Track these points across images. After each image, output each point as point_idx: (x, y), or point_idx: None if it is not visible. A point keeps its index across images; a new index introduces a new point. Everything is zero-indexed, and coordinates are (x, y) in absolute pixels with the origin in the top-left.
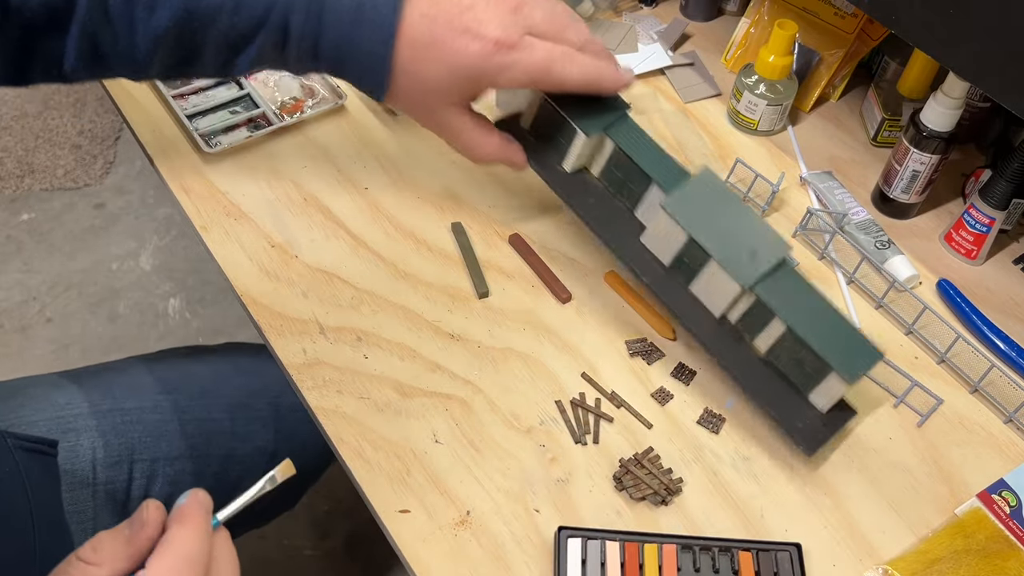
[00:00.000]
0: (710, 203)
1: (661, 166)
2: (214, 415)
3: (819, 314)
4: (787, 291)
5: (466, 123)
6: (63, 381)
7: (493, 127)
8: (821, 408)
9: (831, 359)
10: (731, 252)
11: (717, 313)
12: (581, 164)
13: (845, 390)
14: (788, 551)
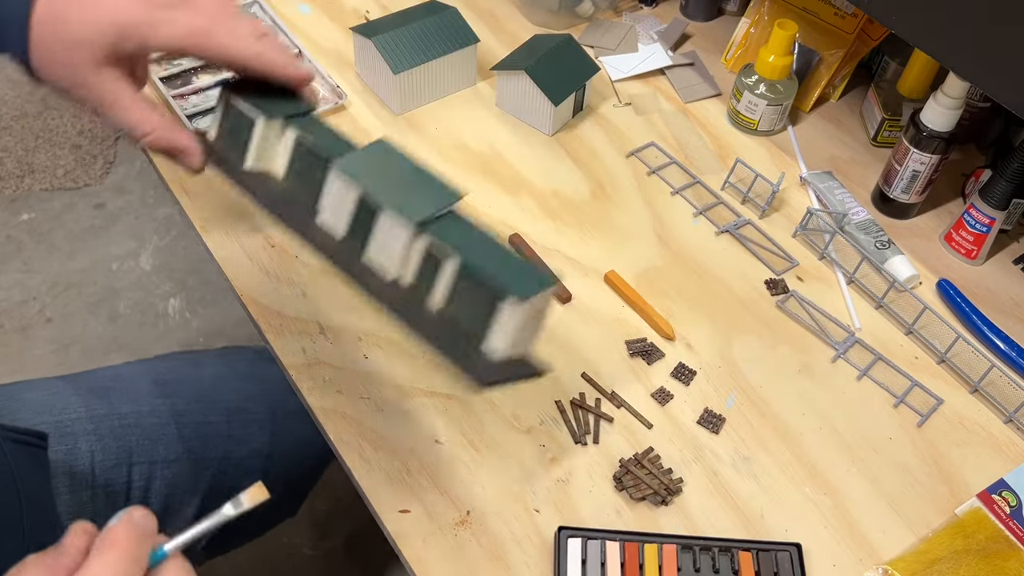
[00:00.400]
0: (383, 163)
1: (341, 147)
2: (211, 418)
3: (490, 248)
4: (458, 231)
5: (123, 91)
6: (60, 385)
7: (156, 106)
8: (499, 352)
9: (506, 281)
10: (402, 200)
11: (392, 274)
12: (265, 164)
13: (515, 323)
14: (788, 551)
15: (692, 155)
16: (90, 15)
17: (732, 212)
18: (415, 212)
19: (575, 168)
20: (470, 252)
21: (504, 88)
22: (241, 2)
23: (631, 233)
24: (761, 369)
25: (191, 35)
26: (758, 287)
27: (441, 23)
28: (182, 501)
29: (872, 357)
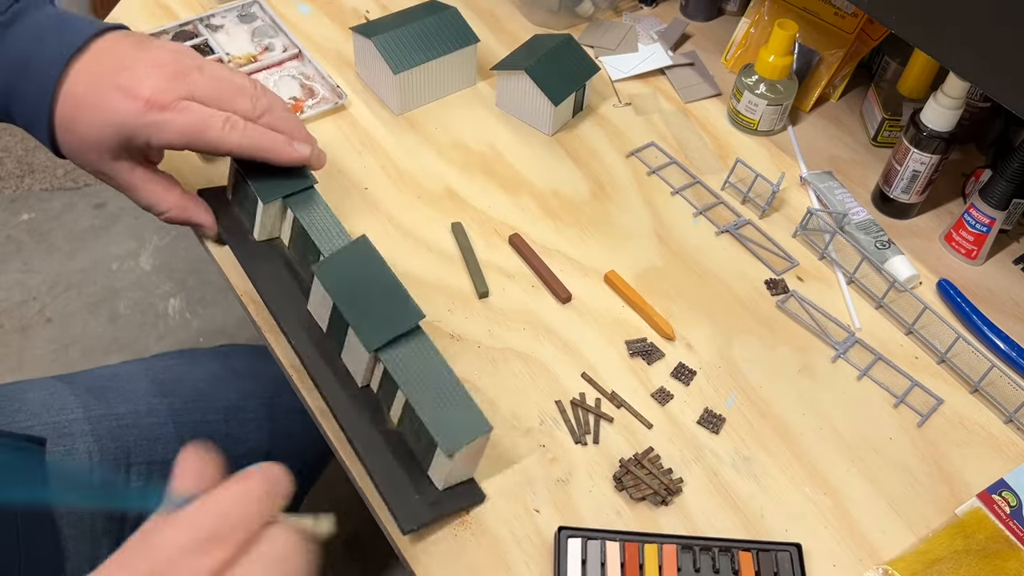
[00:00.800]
0: (358, 269)
1: (330, 236)
2: (209, 418)
3: (440, 385)
4: (413, 360)
5: (138, 178)
6: (58, 385)
7: (174, 184)
8: (437, 484)
9: (437, 431)
10: (366, 318)
11: (360, 381)
12: (271, 233)
13: (449, 466)
14: (788, 551)
15: (692, 155)
16: (95, 121)
17: (732, 212)
18: (373, 340)
19: (575, 168)
20: (417, 388)
21: (504, 88)
22: (241, 2)
23: (631, 233)
24: (761, 369)
25: (185, 135)
26: (758, 287)
27: (441, 23)
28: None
29: (872, 357)
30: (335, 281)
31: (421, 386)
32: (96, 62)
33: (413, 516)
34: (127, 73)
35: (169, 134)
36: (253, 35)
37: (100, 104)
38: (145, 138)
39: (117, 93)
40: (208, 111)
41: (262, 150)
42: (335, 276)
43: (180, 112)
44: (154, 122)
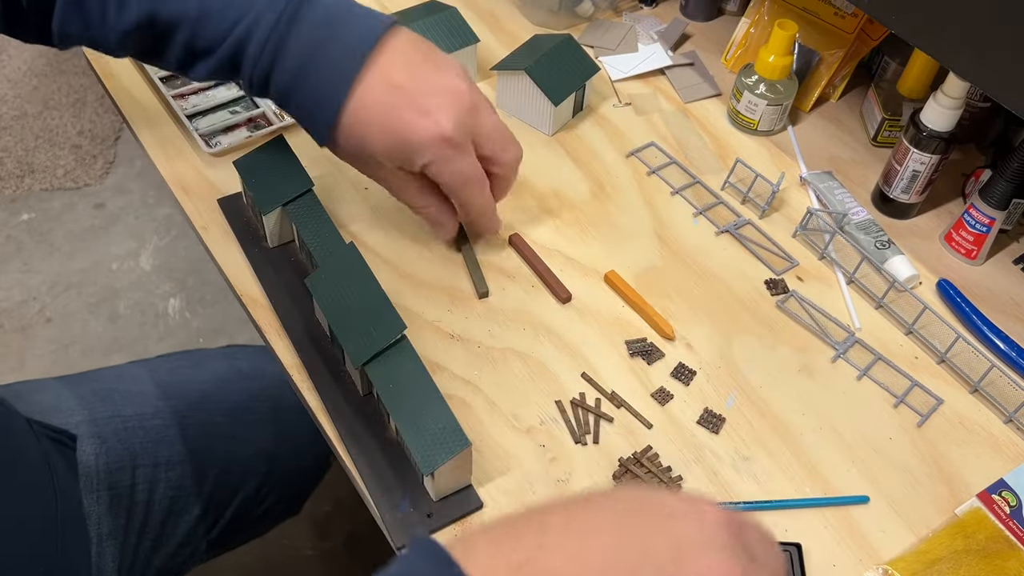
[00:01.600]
0: (346, 280)
1: (325, 244)
2: (214, 419)
3: (421, 401)
4: (396, 375)
5: (412, 189)
6: (63, 387)
7: (435, 190)
8: (432, 496)
9: (416, 447)
10: (352, 333)
11: (361, 391)
12: (282, 238)
13: (434, 482)
14: (788, 551)
15: (692, 155)
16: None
17: (732, 212)
18: (359, 356)
19: (575, 168)
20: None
21: (504, 88)
22: None
23: (631, 233)
24: (761, 369)
25: (448, 183)
26: (758, 287)
27: (441, 23)
28: (186, 503)
29: (872, 357)
30: (326, 294)
31: (403, 403)
32: (392, 69)
33: (406, 530)
34: (428, 99)
35: (447, 175)
36: None
37: (397, 122)
38: (424, 164)
39: (417, 115)
40: (476, 164)
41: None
42: (326, 289)
43: (466, 155)
44: (444, 157)
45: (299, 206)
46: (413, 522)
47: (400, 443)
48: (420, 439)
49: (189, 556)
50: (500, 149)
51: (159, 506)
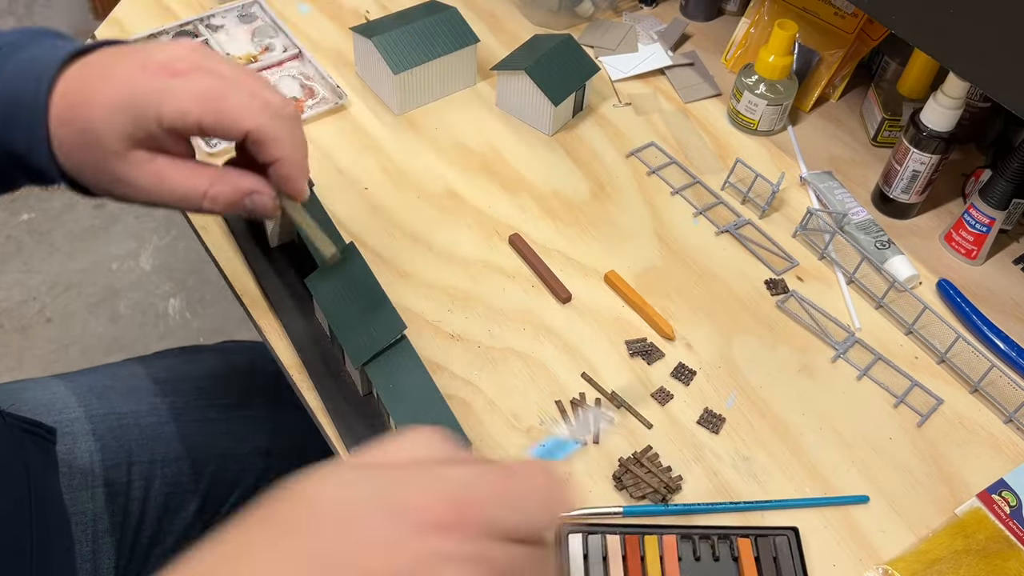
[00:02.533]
0: (346, 280)
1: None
2: (210, 416)
3: (420, 401)
4: (395, 375)
5: (159, 166)
6: (59, 384)
7: (204, 164)
8: None
9: None
10: (352, 333)
11: (361, 391)
12: (282, 239)
13: None
14: (786, 535)
15: (692, 155)
16: (97, 104)
17: (732, 212)
18: (358, 356)
19: (575, 168)
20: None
21: (504, 88)
22: (241, 2)
23: (631, 233)
24: (761, 369)
25: (202, 100)
26: (758, 287)
27: (441, 23)
28: (183, 500)
29: (872, 357)
30: (326, 294)
31: (403, 403)
32: (99, 56)
33: None
34: (137, 53)
35: (183, 100)
36: (253, 35)
37: (103, 86)
38: (156, 108)
39: (124, 68)
40: (235, 80)
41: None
42: (326, 289)
43: (197, 79)
44: (167, 87)
45: (299, 205)
46: None
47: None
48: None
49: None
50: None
51: (155, 503)
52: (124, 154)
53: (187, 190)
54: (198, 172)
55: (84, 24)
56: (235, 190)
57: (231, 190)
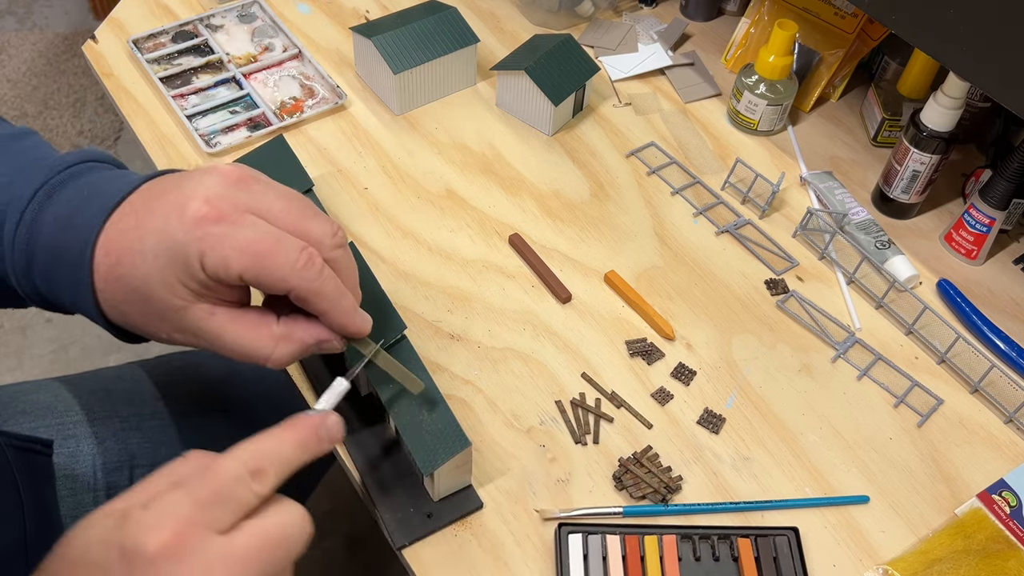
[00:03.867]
0: None
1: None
2: (213, 420)
3: (424, 398)
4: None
5: (218, 321)
6: (61, 387)
7: (267, 314)
8: (432, 496)
9: (416, 447)
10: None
11: (362, 391)
12: None
13: (434, 482)
14: (786, 535)
15: (692, 155)
16: (139, 255)
17: (732, 212)
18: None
19: (575, 168)
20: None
21: (504, 88)
22: (241, 2)
23: (631, 233)
24: (761, 369)
25: (247, 254)
26: (758, 287)
27: (441, 23)
28: None
29: (872, 357)
30: None
31: (403, 403)
32: (139, 198)
33: (406, 531)
34: (176, 191)
35: (227, 249)
36: (253, 35)
37: (142, 234)
38: (198, 256)
39: (160, 217)
40: (281, 232)
41: (328, 306)
42: None
43: (244, 226)
44: (208, 234)
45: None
46: (413, 522)
47: (400, 443)
48: (420, 439)
49: None
50: (301, 226)
51: None
52: (186, 308)
53: (251, 350)
54: (262, 329)
55: (84, 24)
56: (302, 345)
57: (297, 347)
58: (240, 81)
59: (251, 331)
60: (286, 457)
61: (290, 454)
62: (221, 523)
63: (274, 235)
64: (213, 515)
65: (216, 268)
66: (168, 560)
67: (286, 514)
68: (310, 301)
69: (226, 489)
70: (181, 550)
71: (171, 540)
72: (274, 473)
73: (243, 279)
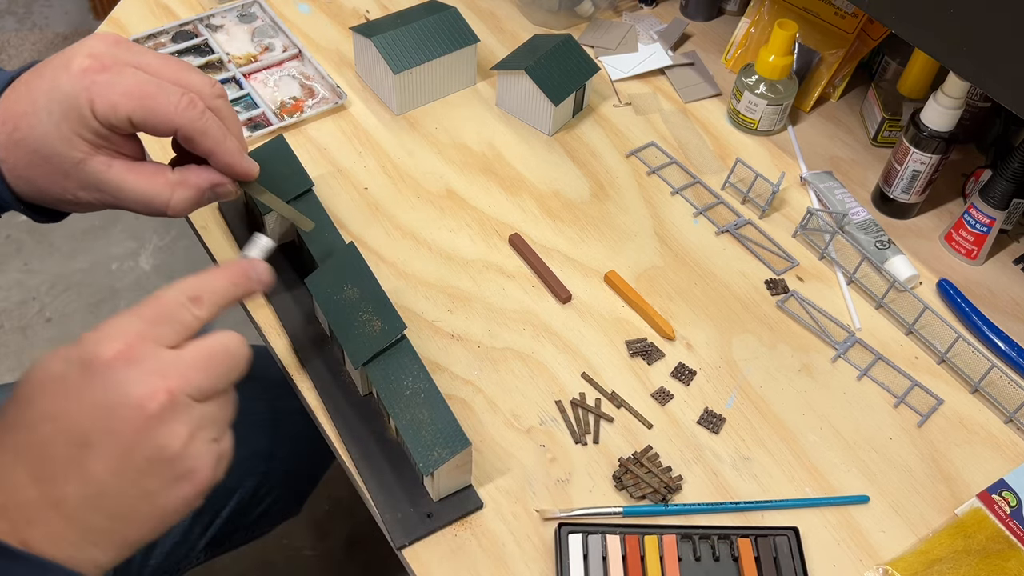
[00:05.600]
0: (346, 280)
1: (325, 244)
2: None
3: (424, 398)
4: (397, 375)
5: (118, 171)
6: None
7: (163, 165)
8: (432, 496)
9: (416, 447)
10: (352, 332)
11: (361, 391)
12: (283, 239)
13: (434, 482)
14: (786, 535)
15: (692, 155)
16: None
17: (732, 212)
18: (358, 356)
19: (575, 168)
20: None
21: (504, 88)
22: (241, 2)
23: (631, 233)
24: (761, 369)
25: (133, 97)
26: (758, 287)
27: (441, 23)
28: None
29: (872, 357)
30: (325, 294)
31: (403, 403)
32: (26, 75)
33: (406, 530)
34: (59, 56)
35: (114, 95)
36: (253, 35)
37: (34, 103)
38: (88, 104)
39: (48, 77)
40: (162, 80)
41: (213, 145)
42: (325, 288)
43: (128, 75)
44: (95, 82)
45: (299, 206)
46: (413, 522)
47: (400, 443)
48: (420, 439)
49: (185, 555)
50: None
51: None
52: (86, 160)
53: (150, 196)
54: (158, 177)
55: (84, 24)
56: (197, 190)
57: (193, 192)
58: (240, 81)
59: (148, 179)
60: (220, 289)
61: (224, 288)
62: (168, 339)
63: (156, 82)
64: (160, 331)
65: (106, 113)
66: (124, 364)
67: (225, 336)
68: (196, 140)
69: (169, 310)
70: (135, 357)
71: (124, 349)
72: (210, 301)
73: (132, 122)
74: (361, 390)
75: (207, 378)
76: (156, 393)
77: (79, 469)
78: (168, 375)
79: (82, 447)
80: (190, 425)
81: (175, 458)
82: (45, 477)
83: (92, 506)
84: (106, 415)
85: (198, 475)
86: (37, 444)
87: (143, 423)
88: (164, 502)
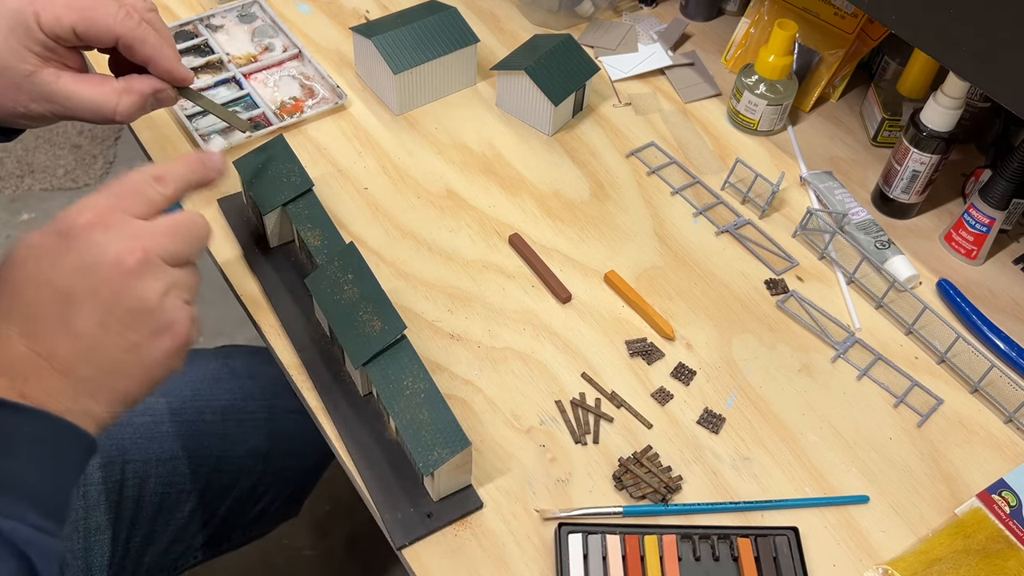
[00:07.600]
0: (347, 280)
1: (325, 244)
2: (206, 417)
3: (421, 401)
4: (396, 375)
5: (67, 81)
6: None
7: (108, 75)
8: (432, 496)
9: (416, 447)
10: (352, 332)
11: (361, 391)
12: (283, 238)
13: (434, 482)
14: (786, 535)
15: (692, 155)
16: None
17: (732, 212)
18: (358, 357)
19: (575, 168)
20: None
21: (504, 88)
22: (241, 2)
23: (631, 233)
24: (761, 369)
25: (74, 8)
26: (758, 287)
27: (441, 23)
28: (177, 499)
29: (872, 357)
30: (326, 294)
31: (403, 403)
32: None
33: (406, 530)
34: None
35: (57, 8)
36: (253, 35)
37: None
38: (34, 17)
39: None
40: None
41: (152, 51)
42: (326, 289)
43: None
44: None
45: (299, 206)
46: (413, 522)
47: (400, 443)
48: (420, 439)
49: (182, 554)
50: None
51: (149, 502)
52: (35, 72)
53: (99, 103)
54: (105, 85)
55: None
56: (141, 96)
57: (137, 98)
58: (240, 81)
59: (96, 87)
60: (181, 173)
61: (184, 172)
62: (137, 211)
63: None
64: (129, 203)
65: (51, 24)
66: (100, 229)
67: (191, 212)
68: (136, 49)
69: (136, 187)
70: (109, 223)
71: (97, 218)
72: (173, 181)
73: (76, 33)
74: (361, 390)
75: (176, 244)
76: (132, 250)
77: (66, 325)
78: (141, 237)
79: (67, 305)
80: (164, 282)
81: (155, 310)
82: (35, 334)
83: (82, 359)
84: (87, 274)
85: (176, 328)
86: (24, 305)
87: (122, 277)
88: (149, 354)
